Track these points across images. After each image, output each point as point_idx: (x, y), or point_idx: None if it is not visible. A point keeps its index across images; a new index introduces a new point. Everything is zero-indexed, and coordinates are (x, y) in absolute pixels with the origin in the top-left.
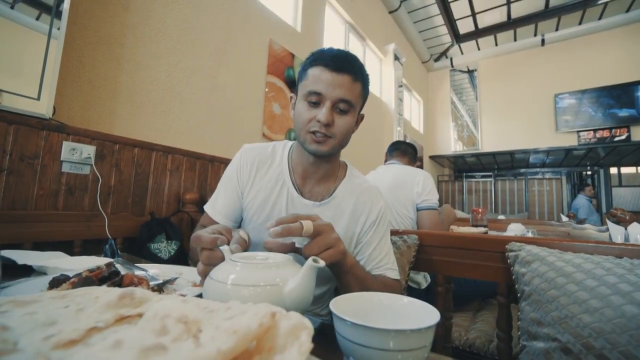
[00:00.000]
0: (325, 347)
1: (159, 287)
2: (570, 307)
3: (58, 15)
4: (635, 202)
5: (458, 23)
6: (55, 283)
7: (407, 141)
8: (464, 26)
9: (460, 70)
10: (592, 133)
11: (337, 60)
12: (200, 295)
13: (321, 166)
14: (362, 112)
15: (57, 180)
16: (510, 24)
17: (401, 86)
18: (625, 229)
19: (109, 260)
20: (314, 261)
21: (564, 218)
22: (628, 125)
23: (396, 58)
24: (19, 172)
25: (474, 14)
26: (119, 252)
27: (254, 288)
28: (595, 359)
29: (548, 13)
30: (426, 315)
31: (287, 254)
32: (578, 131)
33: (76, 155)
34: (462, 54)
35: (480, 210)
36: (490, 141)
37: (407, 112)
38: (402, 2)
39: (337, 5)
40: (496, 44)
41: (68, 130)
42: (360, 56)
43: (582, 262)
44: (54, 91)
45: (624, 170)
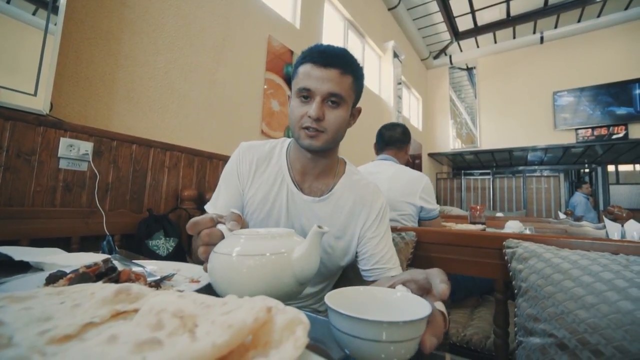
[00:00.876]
0: (321, 342)
1: (157, 283)
2: (566, 303)
3: (55, 10)
4: (632, 200)
5: (457, 20)
6: (52, 279)
7: (398, 124)
8: (463, 24)
9: (459, 68)
10: (590, 131)
11: (324, 55)
12: (198, 291)
13: (319, 162)
14: (358, 106)
15: (54, 177)
16: (509, 21)
17: (400, 83)
18: (622, 226)
19: (106, 256)
20: (319, 227)
21: (562, 215)
22: (626, 123)
23: (395, 55)
24: (15, 169)
25: (473, 12)
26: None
27: (259, 257)
28: (591, 354)
29: (547, 10)
30: (418, 307)
31: (292, 230)
32: (576, 129)
33: (74, 152)
34: (461, 51)
35: (478, 207)
36: (489, 139)
37: (406, 110)
38: None
39: (337, 2)
40: (495, 42)
41: (65, 127)
42: (359, 53)
43: (579, 258)
44: (50, 87)
45: (622, 167)
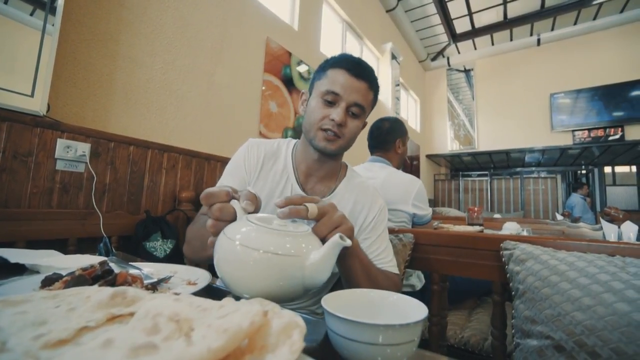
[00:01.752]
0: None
1: (153, 285)
2: (563, 305)
3: (52, 11)
4: (628, 201)
5: (455, 22)
6: (48, 282)
7: (387, 119)
8: (461, 26)
9: (457, 70)
10: (586, 132)
11: (358, 67)
12: (195, 294)
13: (324, 165)
14: (366, 120)
15: (51, 178)
16: (507, 23)
17: (398, 85)
18: (619, 227)
19: (103, 258)
20: (341, 238)
21: (559, 216)
22: (622, 124)
23: (393, 57)
24: (12, 170)
25: (470, 14)
26: (113, 250)
27: (270, 256)
28: (588, 356)
29: (544, 13)
30: (414, 310)
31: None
32: (573, 130)
33: (71, 153)
34: (459, 53)
35: (476, 209)
36: (487, 140)
37: (404, 111)
38: (399, 1)
39: (335, 4)
40: (492, 44)
41: (62, 128)
42: (357, 55)
43: (575, 260)
44: (48, 88)
45: (618, 169)
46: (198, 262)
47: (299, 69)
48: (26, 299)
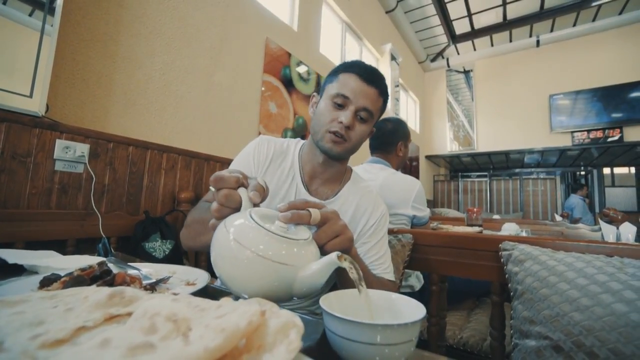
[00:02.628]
0: (317, 345)
1: (152, 286)
2: (561, 306)
3: (51, 11)
4: (627, 202)
5: (454, 24)
6: (46, 282)
7: (389, 120)
8: (460, 27)
9: (457, 71)
10: (585, 133)
11: (370, 73)
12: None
13: (329, 167)
14: (373, 127)
15: (50, 179)
16: (506, 24)
17: (397, 86)
18: (617, 228)
19: (101, 259)
20: (338, 258)
21: (558, 217)
22: (621, 126)
23: (393, 58)
24: (10, 171)
25: (470, 15)
26: (112, 250)
27: (263, 260)
28: (586, 356)
29: (543, 14)
30: (412, 310)
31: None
32: (572, 132)
33: (70, 154)
34: (459, 54)
35: (475, 209)
36: (486, 141)
37: (403, 112)
38: (398, 2)
39: (334, 5)
40: (492, 45)
41: (61, 128)
42: (356, 56)
43: (574, 261)
44: (47, 89)
45: (617, 170)
46: (192, 248)
47: (299, 69)
48: (24, 299)
